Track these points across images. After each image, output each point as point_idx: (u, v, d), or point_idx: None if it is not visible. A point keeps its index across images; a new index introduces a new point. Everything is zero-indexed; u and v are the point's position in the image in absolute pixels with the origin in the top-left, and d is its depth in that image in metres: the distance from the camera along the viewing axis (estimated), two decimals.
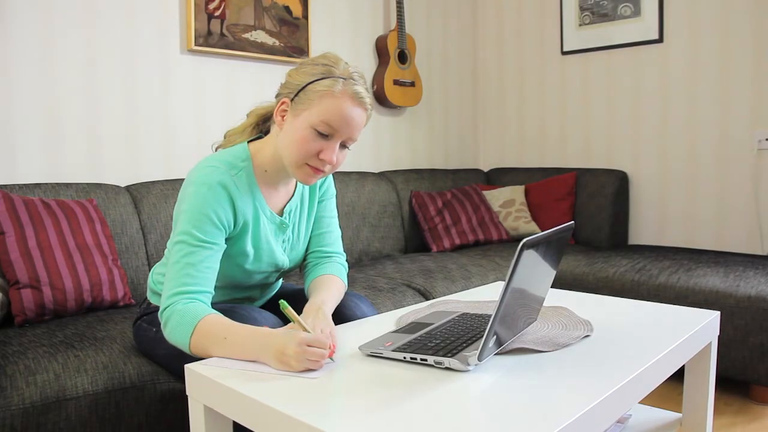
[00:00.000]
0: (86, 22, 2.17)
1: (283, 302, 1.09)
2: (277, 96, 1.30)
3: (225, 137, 1.41)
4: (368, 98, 1.24)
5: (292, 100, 1.24)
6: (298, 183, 1.42)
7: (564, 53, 3.39)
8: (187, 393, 1.07)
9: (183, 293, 1.17)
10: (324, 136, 1.21)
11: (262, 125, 1.41)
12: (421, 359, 1.04)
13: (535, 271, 1.05)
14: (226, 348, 1.09)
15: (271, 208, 1.35)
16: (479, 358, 1.00)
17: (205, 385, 1.02)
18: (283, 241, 1.39)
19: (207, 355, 1.12)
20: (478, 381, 0.96)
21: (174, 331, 1.15)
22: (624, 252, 2.69)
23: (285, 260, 1.40)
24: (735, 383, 2.28)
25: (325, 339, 1.04)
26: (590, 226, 3.11)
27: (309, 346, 1.01)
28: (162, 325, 1.18)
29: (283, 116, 1.27)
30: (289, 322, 1.12)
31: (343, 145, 1.26)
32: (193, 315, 1.13)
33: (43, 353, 1.40)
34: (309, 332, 1.06)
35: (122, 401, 1.35)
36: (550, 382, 0.95)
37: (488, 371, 1.01)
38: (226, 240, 1.27)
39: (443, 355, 1.02)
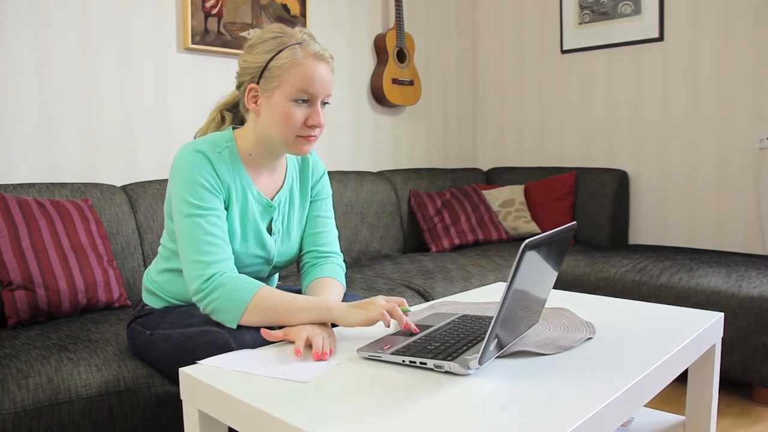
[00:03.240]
0: (82, 21, 2.15)
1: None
2: (238, 86, 1.31)
3: (195, 137, 1.41)
4: (327, 51, 1.27)
5: (257, 83, 1.25)
6: (287, 174, 1.42)
7: (564, 52, 3.37)
8: (182, 397, 1.05)
9: (211, 263, 1.19)
10: (305, 102, 1.24)
11: (226, 113, 1.41)
12: (421, 363, 1.02)
13: (536, 272, 1.03)
14: (290, 314, 1.16)
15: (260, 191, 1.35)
16: (480, 362, 0.98)
17: (200, 389, 1.00)
18: (273, 232, 1.37)
19: (259, 324, 1.18)
20: (478, 385, 0.94)
21: (223, 307, 1.17)
22: (625, 252, 2.67)
23: (273, 246, 1.38)
24: (737, 385, 2.26)
25: (399, 314, 1.15)
26: (590, 225, 3.09)
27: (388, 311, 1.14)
28: (204, 303, 1.19)
29: (255, 101, 1.27)
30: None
31: (323, 103, 1.28)
32: (246, 287, 1.17)
33: (36, 356, 1.37)
34: None
35: (116, 405, 1.33)
36: (552, 386, 0.93)
37: (489, 375, 0.99)
38: None
39: (443, 359, 1.00)
